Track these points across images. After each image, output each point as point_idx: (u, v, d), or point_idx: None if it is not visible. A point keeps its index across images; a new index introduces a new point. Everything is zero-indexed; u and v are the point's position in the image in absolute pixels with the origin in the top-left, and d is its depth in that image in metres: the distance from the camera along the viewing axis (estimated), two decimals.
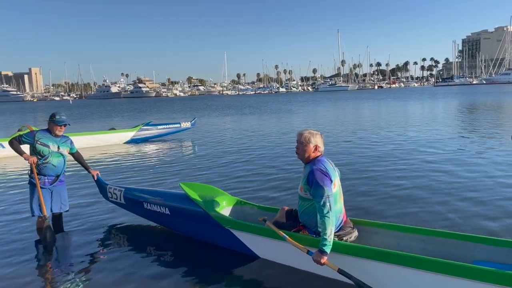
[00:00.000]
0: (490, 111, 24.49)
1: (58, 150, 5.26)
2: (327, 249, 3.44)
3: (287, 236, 3.75)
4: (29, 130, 12.57)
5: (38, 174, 5.17)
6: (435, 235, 3.77)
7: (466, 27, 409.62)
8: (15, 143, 5.20)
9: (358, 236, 3.92)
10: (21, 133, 12.73)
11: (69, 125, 5.47)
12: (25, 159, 5.13)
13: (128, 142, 15.20)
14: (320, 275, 3.73)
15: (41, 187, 5.13)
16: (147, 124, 16.19)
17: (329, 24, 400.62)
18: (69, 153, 5.51)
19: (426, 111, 28.17)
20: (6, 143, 12.43)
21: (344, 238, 3.78)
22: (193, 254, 4.58)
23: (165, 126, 16.63)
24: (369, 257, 3.42)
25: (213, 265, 4.28)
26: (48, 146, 5.19)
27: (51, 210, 5.28)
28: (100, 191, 5.91)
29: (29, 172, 5.27)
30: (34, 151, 5.20)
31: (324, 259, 3.44)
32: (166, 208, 4.97)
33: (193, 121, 17.33)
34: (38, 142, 5.14)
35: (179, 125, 16.88)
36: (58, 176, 5.31)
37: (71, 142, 5.50)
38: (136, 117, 31.31)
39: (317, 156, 3.82)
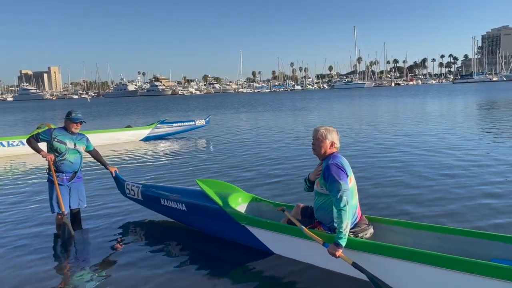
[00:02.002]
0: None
1: (74, 147, 5.36)
2: (343, 242, 3.47)
3: (304, 227, 3.78)
4: (47, 128, 12.94)
5: (56, 171, 5.27)
6: (451, 233, 3.72)
7: (486, 23, 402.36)
8: (32, 141, 5.32)
9: (373, 233, 3.90)
10: (39, 131, 13.02)
11: (85, 122, 5.55)
12: (42, 156, 5.24)
13: (143, 140, 15.40)
14: (333, 271, 3.73)
15: (59, 184, 5.23)
16: (162, 122, 16.39)
17: (345, 20, 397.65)
18: (86, 151, 5.60)
19: (444, 108, 27.71)
20: (25, 141, 12.72)
21: (360, 235, 3.77)
22: (208, 250, 4.63)
23: (179, 124, 16.82)
24: (385, 254, 3.40)
25: (228, 260, 4.31)
26: (65, 143, 5.28)
27: (70, 207, 5.39)
28: (118, 187, 6.01)
29: (47, 169, 5.38)
30: (51, 149, 5.30)
31: (339, 252, 3.47)
32: (183, 205, 5.02)
33: (207, 119, 17.47)
34: (55, 140, 5.25)
35: (193, 123, 17.05)
36: (75, 173, 5.40)
37: (87, 140, 5.59)
38: (152, 115, 31.63)
39: (333, 152, 3.84)
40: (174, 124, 16.66)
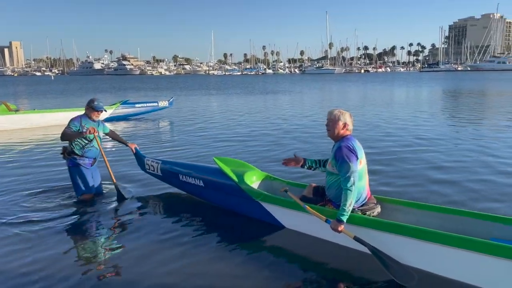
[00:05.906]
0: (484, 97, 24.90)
1: (98, 133, 5.48)
2: (344, 218, 3.63)
3: (306, 206, 3.97)
4: (4, 106, 12.29)
5: (82, 156, 5.40)
6: (453, 213, 3.89)
7: (454, 13, 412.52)
8: (68, 133, 5.34)
9: (380, 212, 4.06)
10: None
11: (105, 111, 5.59)
12: (86, 133, 5.31)
13: (105, 120, 15.01)
14: (340, 244, 3.89)
15: (85, 168, 5.39)
16: (125, 103, 16.07)
17: (318, 5, 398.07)
18: (104, 133, 5.71)
19: (411, 95, 28.43)
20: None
21: (367, 213, 3.93)
22: (224, 223, 4.77)
23: (142, 105, 16.60)
24: (389, 231, 3.56)
25: (243, 233, 4.48)
26: None
27: (96, 190, 5.57)
28: (138, 163, 6.14)
29: (66, 154, 5.43)
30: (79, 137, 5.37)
31: (341, 227, 3.63)
32: (201, 181, 5.18)
33: (171, 100, 17.37)
34: (85, 128, 5.34)
35: (156, 104, 16.89)
36: (95, 158, 5.56)
37: (103, 124, 5.72)
38: (120, 95, 31.17)
39: (346, 135, 3.94)
40: (137, 105, 16.41)
